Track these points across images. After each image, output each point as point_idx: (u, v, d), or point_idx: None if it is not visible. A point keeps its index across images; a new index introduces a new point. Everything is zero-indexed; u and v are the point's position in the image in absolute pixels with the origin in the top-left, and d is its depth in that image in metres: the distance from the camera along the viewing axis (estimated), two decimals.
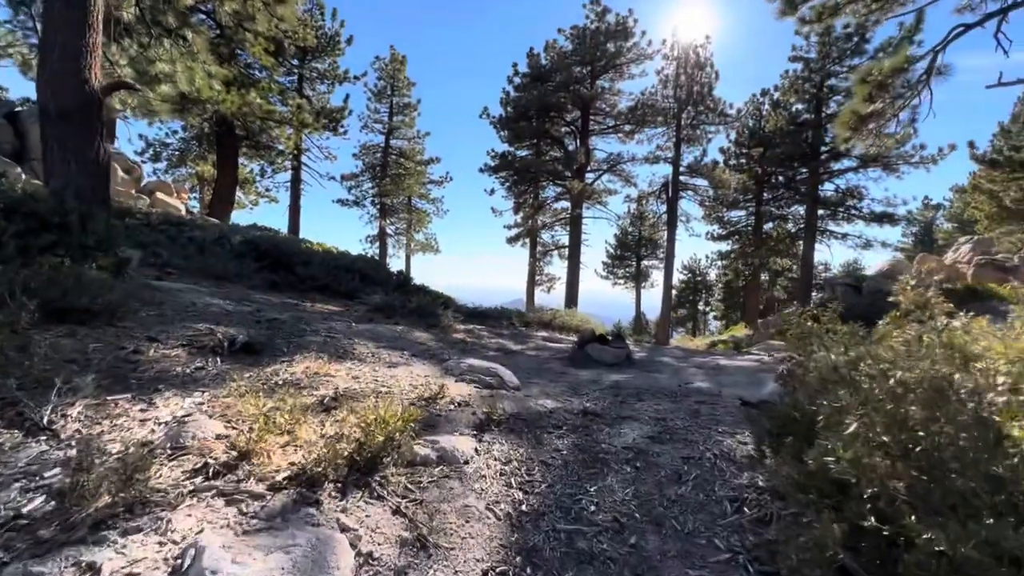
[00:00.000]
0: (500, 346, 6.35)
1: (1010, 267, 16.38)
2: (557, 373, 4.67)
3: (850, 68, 19.28)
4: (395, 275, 11.61)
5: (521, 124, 20.31)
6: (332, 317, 6.17)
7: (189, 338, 3.48)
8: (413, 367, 4.02)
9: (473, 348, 5.91)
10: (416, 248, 24.23)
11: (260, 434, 1.83)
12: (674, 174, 17.10)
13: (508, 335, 7.99)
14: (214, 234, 8.00)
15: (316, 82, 18.09)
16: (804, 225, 20.33)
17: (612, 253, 39.28)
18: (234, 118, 10.67)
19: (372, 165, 21.91)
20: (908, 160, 17.96)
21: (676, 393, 3.88)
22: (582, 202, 19.44)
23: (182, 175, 21.12)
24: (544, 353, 6.13)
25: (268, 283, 7.57)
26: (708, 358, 6.33)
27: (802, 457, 1.37)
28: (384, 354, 4.47)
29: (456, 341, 6.24)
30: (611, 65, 19.70)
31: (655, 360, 6.06)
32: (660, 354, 7.13)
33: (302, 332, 4.69)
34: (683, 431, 2.75)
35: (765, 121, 21.61)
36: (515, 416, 2.81)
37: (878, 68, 5.98)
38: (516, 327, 9.38)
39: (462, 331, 7.23)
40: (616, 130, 20.11)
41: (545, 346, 6.90)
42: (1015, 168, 17.28)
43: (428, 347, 5.38)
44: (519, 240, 23.76)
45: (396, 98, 21.94)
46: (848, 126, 6.66)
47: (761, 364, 5.67)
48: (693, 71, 18.21)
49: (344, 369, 3.54)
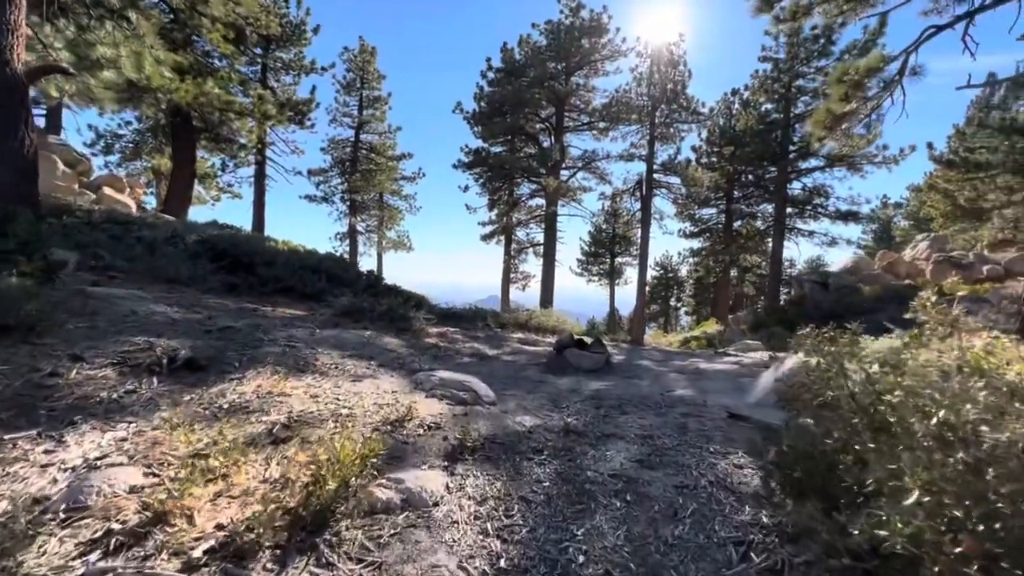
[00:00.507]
0: (475, 351, 6.08)
1: (966, 264, 17.08)
2: (535, 382, 4.43)
3: (817, 69, 19.73)
4: (365, 275, 11.18)
5: (495, 120, 19.99)
6: (294, 323, 5.78)
7: (122, 355, 3.09)
8: (380, 380, 3.71)
9: (446, 354, 5.62)
10: (388, 246, 23.60)
11: (185, 485, 1.52)
12: (648, 172, 17.10)
13: (483, 338, 7.72)
14: (166, 233, 7.43)
15: (281, 73, 17.29)
16: (773, 223, 20.74)
17: (587, 250, 39.40)
18: (190, 108, 9.98)
19: (341, 160, 21.15)
20: (872, 160, 18.49)
21: (660, 403, 3.70)
22: (557, 199, 19.29)
23: (137, 169, 19.97)
24: (520, 358, 5.89)
25: (226, 286, 7.08)
26: (687, 361, 6.22)
27: (831, 512, 1.16)
28: (349, 365, 4.14)
29: (428, 347, 5.94)
30: (585, 62, 19.58)
31: (634, 364, 5.90)
32: (638, 356, 6.99)
33: (258, 342, 4.31)
34: (673, 451, 2.55)
35: (736, 120, 21.92)
36: (491, 439, 2.55)
37: (855, 68, 5.97)
38: (491, 329, 9.12)
39: (435, 335, 6.92)
40: (591, 127, 20.02)
41: (521, 350, 6.66)
42: (970, 169, 18.01)
43: (398, 355, 5.06)
44: (494, 238, 23.48)
45: (366, 91, 21.22)
46: (823, 125, 6.65)
47: (740, 367, 5.59)
48: (666, 69, 18.24)
49: (303, 386, 3.21)
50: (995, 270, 16.50)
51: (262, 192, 17.47)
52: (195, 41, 12.56)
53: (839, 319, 10.17)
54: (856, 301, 13.68)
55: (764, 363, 5.80)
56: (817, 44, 19.13)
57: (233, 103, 10.14)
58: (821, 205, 19.86)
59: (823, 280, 18.02)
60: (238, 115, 10.61)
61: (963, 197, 20.45)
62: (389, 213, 22.64)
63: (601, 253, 38.92)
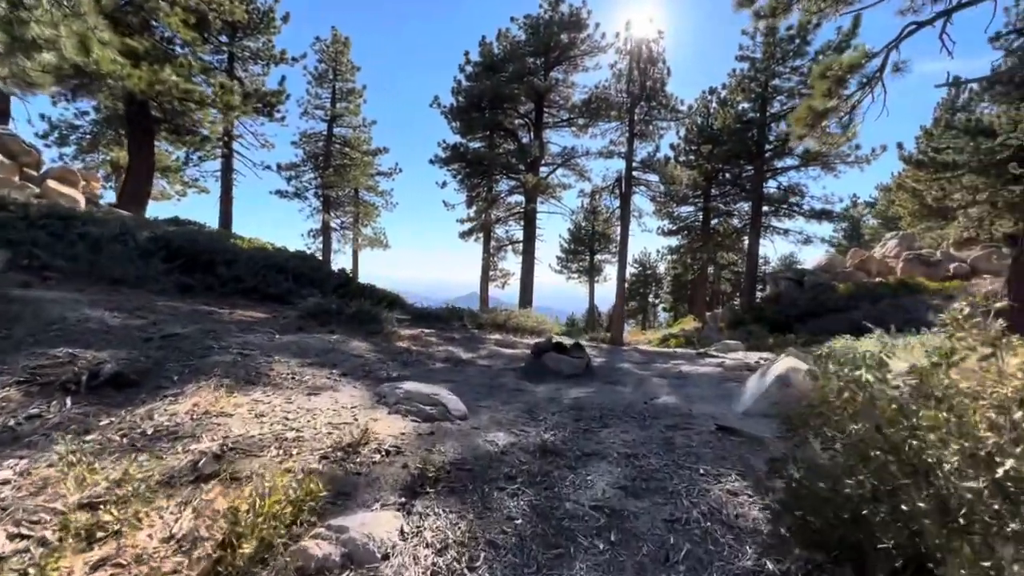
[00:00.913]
0: (449, 355, 5.77)
1: (934, 262, 17.52)
2: (511, 391, 4.16)
3: (792, 69, 19.95)
4: (336, 274, 10.72)
5: (473, 115, 19.59)
6: (253, 327, 5.37)
7: (33, 370, 2.68)
8: (340, 393, 3.38)
9: (418, 360, 5.30)
10: (364, 243, 22.95)
11: (55, 553, 1.18)
12: (627, 169, 16.98)
13: (459, 340, 7.41)
14: (114, 229, 6.88)
15: (249, 62, 16.52)
16: (750, 221, 20.92)
17: (566, 248, 39.41)
18: (146, 97, 9.32)
19: (314, 154, 20.40)
20: (845, 160, 18.79)
21: (643, 414, 3.47)
22: (536, 196, 19.04)
23: (95, 162, 18.93)
24: (497, 363, 5.61)
25: (180, 287, 6.60)
26: (669, 363, 6.04)
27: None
28: (308, 375, 3.80)
29: (399, 351, 5.60)
30: (565, 57, 19.34)
31: (615, 368, 5.68)
32: (619, 358, 6.79)
33: (207, 350, 3.91)
34: (660, 474, 2.30)
35: (713, 119, 22.04)
36: (458, 465, 2.26)
37: (838, 63, 5.86)
38: (468, 330, 8.82)
39: (407, 338, 6.59)
40: (570, 123, 19.81)
41: (498, 353, 6.38)
42: (937, 169, 18.40)
43: (364, 361, 4.72)
44: (472, 235, 23.10)
45: (339, 83, 20.49)
46: (805, 122, 6.54)
47: (724, 370, 5.42)
48: (646, 66, 18.14)
49: (248, 402, 2.86)
50: (961, 268, 16.95)
51: (229, 187, 16.70)
52: (154, 26, 11.83)
53: (815, 316, 10.21)
54: (831, 299, 13.82)
55: (747, 365, 5.65)
56: (792, 44, 19.32)
57: (193, 92, 9.53)
58: (796, 204, 20.12)
59: (798, 278, 18.23)
60: (199, 105, 9.99)
61: (931, 196, 20.96)
62: (364, 209, 22.01)
63: (580, 250, 38.98)
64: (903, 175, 26.51)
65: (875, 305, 12.40)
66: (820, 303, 14.19)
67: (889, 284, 14.22)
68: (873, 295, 13.26)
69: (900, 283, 14.02)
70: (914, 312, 11.32)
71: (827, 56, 18.91)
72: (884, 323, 12.11)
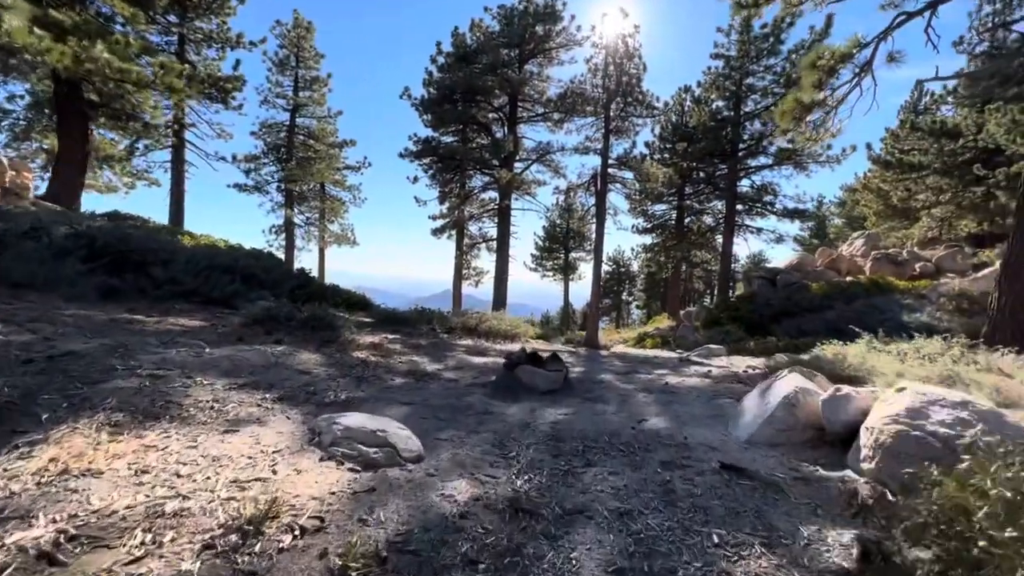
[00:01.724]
0: (411, 367, 5.17)
1: (901, 261, 17.81)
2: (479, 414, 3.60)
3: (766, 68, 19.99)
4: (295, 273, 9.94)
5: (445, 107, 18.88)
6: (180, 339, 4.64)
7: None
8: (266, 428, 2.75)
9: (375, 374, 4.68)
10: (331, 240, 21.91)
11: None
12: (603, 166, 16.60)
13: (425, 347, 6.81)
14: (25, 224, 5.99)
15: (202, 45, 15.35)
16: (724, 220, 20.93)
17: (541, 245, 39.10)
18: (72, 75, 8.30)
19: (275, 146, 19.21)
20: (817, 159, 18.94)
21: (633, 444, 2.98)
22: (511, 192, 18.50)
23: (30, 149, 17.40)
24: (466, 376, 5.04)
25: (103, 291, 5.78)
26: (652, 374, 5.59)
27: None
28: (233, 402, 3.15)
29: (355, 364, 4.97)
30: (540, 49, 18.83)
31: (595, 380, 5.19)
32: (599, 367, 6.31)
33: (106, 373, 3.22)
34: (664, 546, 1.79)
35: (688, 117, 21.96)
36: (400, 545, 1.69)
37: (829, 52, 5.53)
38: (437, 334, 8.21)
39: (367, 346, 5.94)
40: (545, 118, 19.33)
41: (467, 363, 5.80)
42: (904, 170, 18.77)
43: (311, 379, 4.08)
44: (445, 232, 22.42)
45: (302, 70, 19.33)
46: (791, 116, 6.20)
47: (712, 381, 5.00)
48: (622, 61, 17.79)
49: (134, 450, 2.21)
50: (927, 267, 17.26)
51: (181, 179, 15.48)
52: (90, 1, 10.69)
53: (790, 316, 9.83)
54: (805, 298, 13.77)
55: (736, 376, 5.25)
56: (767, 42, 19.34)
57: (130, 72, 8.55)
58: (770, 203, 20.21)
59: (771, 276, 18.27)
60: (136, 86, 9.02)
61: (896, 197, 21.44)
62: (331, 205, 20.97)
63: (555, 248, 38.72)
64: (869, 176, 27.20)
65: (849, 305, 12.37)
66: (795, 302, 14.12)
67: (861, 283, 14.29)
68: (847, 295, 13.26)
69: (872, 282, 14.10)
70: (888, 312, 11.30)
71: (799, 55, 19.03)
72: (860, 323, 11.96)
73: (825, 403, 2.89)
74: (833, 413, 2.82)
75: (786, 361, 5.19)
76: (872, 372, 4.76)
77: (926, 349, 5.35)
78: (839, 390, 2.90)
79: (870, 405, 2.76)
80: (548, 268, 39.63)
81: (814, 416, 2.98)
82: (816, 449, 2.86)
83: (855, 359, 5.10)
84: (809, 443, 2.91)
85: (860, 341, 6.30)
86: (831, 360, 4.99)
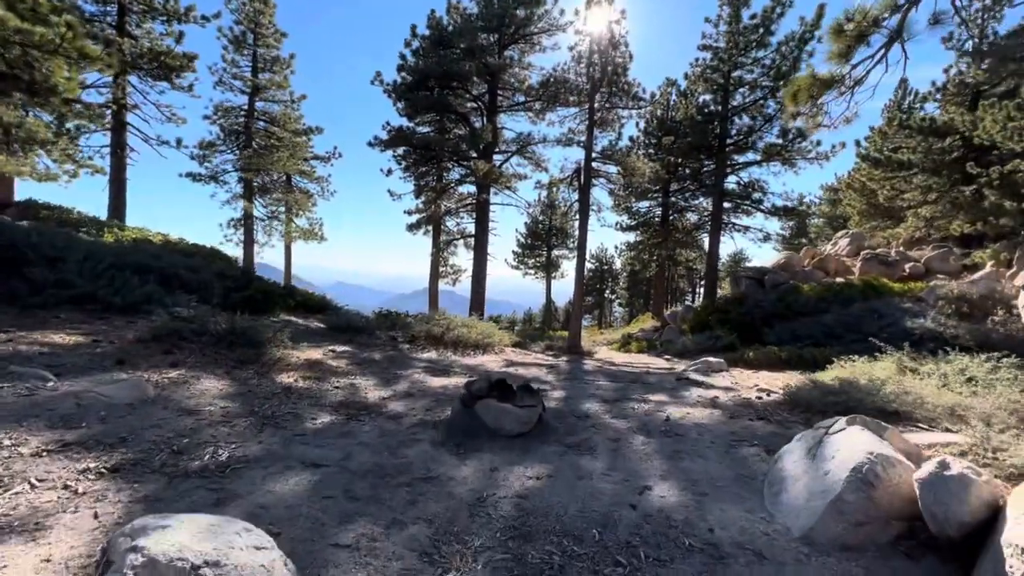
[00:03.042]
0: (348, 397, 4.10)
1: (891, 261, 17.33)
2: (416, 482, 2.55)
3: (754, 60, 19.27)
4: (236, 273, 8.69)
5: (420, 94, 17.64)
6: (24, 365, 3.47)
7: None
8: (26, 551, 1.65)
9: (294, 410, 3.59)
10: (297, 235, 20.44)
11: None
12: (587, 159, 15.67)
13: (379, 362, 5.73)
14: None
15: (146, 17, 13.82)
16: (711, 218, 20.22)
17: (523, 243, 38.19)
18: None
19: (233, 132, 17.67)
20: (806, 155, 18.34)
21: (636, 548, 1.97)
22: (489, 185, 17.40)
23: None
24: (416, 408, 3.98)
25: None
26: (648, 401, 4.60)
27: None
28: (26, 480, 2.04)
29: (271, 395, 3.86)
30: (521, 34, 17.74)
31: (579, 411, 4.18)
32: (582, 389, 5.30)
33: None
34: None
35: (675, 110, 21.19)
36: None
37: (860, 14, 4.61)
38: (397, 344, 7.13)
39: (300, 366, 4.83)
40: (527, 108, 18.24)
41: (423, 387, 4.74)
42: (894, 167, 18.32)
43: (190, 425, 2.97)
44: (420, 227, 21.22)
45: (261, 49, 17.72)
46: (808, 94, 5.29)
47: (725, 417, 4.02)
48: (607, 48, 16.83)
49: None
50: (917, 268, 16.83)
51: (122, 167, 13.88)
52: None
53: (783, 319, 8.68)
54: (799, 300, 13.06)
55: (751, 406, 4.30)
56: (756, 33, 18.61)
57: (31, 33, 7.22)
58: (759, 200, 19.56)
59: (759, 276, 17.63)
60: (40, 51, 7.65)
61: (883, 196, 21.03)
62: (295, 198, 19.49)
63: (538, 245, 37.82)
64: (854, 175, 26.90)
65: (846, 308, 11.66)
66: (787, 305, 13.39)
67: (855, 285, 13.65)
68: (842, 297, 12.57)
69: (865, 284, 13.48)
70: (888, 316, 10.58)
71: (790, 48, 18.37)
72: (859, 328, 11.08)
73: (925, 487, 1.92)
74: (941, 505, 1.85)
75: (809, 389, 4.26)
76: (918, 404, 3.85)
77: (972, 371, 4.46)
78: (945, 468, 1.93)
79: (1001, 496, 1.80)
80: (530, 266, 38.75)
81: (903, 501, 2.02)
82: (915, 559, 1.89)
83: (893, 385, 4.18)
84: (901, 546, 1.95)
85: (887, 358, 5.41)
86: (865, 388, 4.07)
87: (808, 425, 3.18)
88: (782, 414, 3.92)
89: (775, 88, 17.89)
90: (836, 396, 3.85)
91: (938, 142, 18.56)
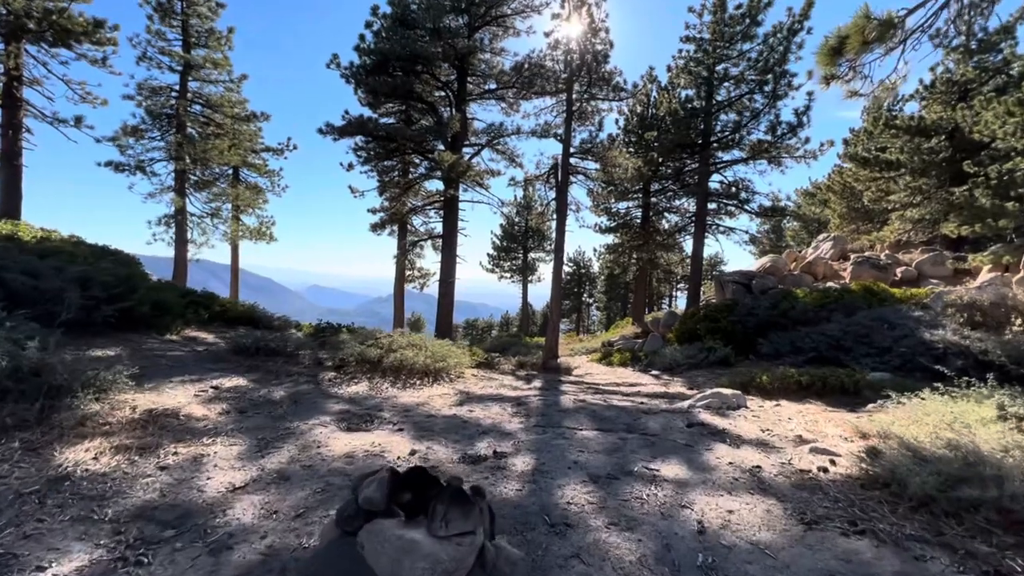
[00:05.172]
0: (163, 490, 2.44)
1: (883, 265, 16.46)
2: None
3: (740, 54, 18.24)
4: (121, 278, 6.83)
5: (382, 78, 15.93)
6: None
7: None
8: None
9: (13, 546, 1.90)
10: (243, 234, 18.33)
11: None
12: (564, 155, 14.28)
13: (275, 404, 4.05)
14: None
15: None
16: (695, 218, 19.08)
17: (498, 245, 36.69)
18: None
19: (162, 115, 15.46)
20: (793, 153, 17.38)
21: None
22: (457, 180, 15.79)
23: None
24: (274, 517, 2.35)
25: None
26: (664, 484, 3.05)
27: None
28: None
29: (20, 494, 2.18)
30: (492, 16, 16.24)
31: (551, 509, 2.61)
32: (560, 454, 3.73)
33: None
34: None
35: (656, 107, 20.04)
36: None
37: None
38: (318, 373, 5.45)
39: (130, 422, 3.13)
40: (499, 96, 16.72)
41: (314, 460, 3.09)
42: (881, 167, 17.53)
43: None
44: (385, 227, 19.44)
45: (194, 20, 15.56)
46: (860, 39, 3.95)
47: (789, 517, 2.54)
48: (586, 33, 15.44)
49: None
50: (909, 272, 15.99)
51: (14, 153, 11.59)
52: None
53: (779, 329, 6.72)
54: (795, 308, 11.85)
55: (819, 487, 2.82)
56: (743, 24, 17.57)
57: None
58: (745, 200, 18.52)
59: (746, 281, 16.50)
60: None
61: (868, 197, 20.35)
62: (240, 193, 17.40)
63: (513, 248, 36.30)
64: (834, 177, 26.36)
65: (851, 317, 10.46)
66: (783, 313, 12.15)
67: (854, 291, 12.56)
68: (844, 305, 11.41)
69: (865, 290, 12.40)
70: (901, 326, 9.41)
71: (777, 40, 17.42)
72: (870, 340, 9.60)
73: None
74: None
75: (908, 461, 2.80)
76: None
77: None
78: None
79: None
80: (506, 269, 37.27)
81: None
82: None
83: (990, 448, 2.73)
84: None
85: (971, 393, 3.96)
86: (1005, 468, 2.60)
87: (949, 550, 1.70)
88: (881, 511, 2.44)
89: (762, 82, 16.91)
90: (968, 485, 2.39)
91: (925, 142, 17.91)
